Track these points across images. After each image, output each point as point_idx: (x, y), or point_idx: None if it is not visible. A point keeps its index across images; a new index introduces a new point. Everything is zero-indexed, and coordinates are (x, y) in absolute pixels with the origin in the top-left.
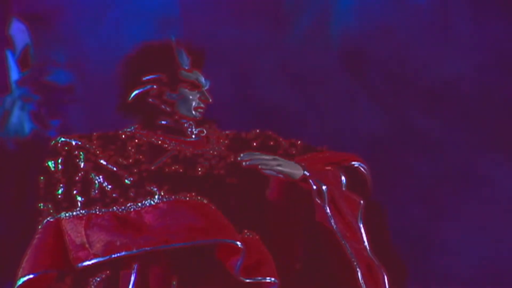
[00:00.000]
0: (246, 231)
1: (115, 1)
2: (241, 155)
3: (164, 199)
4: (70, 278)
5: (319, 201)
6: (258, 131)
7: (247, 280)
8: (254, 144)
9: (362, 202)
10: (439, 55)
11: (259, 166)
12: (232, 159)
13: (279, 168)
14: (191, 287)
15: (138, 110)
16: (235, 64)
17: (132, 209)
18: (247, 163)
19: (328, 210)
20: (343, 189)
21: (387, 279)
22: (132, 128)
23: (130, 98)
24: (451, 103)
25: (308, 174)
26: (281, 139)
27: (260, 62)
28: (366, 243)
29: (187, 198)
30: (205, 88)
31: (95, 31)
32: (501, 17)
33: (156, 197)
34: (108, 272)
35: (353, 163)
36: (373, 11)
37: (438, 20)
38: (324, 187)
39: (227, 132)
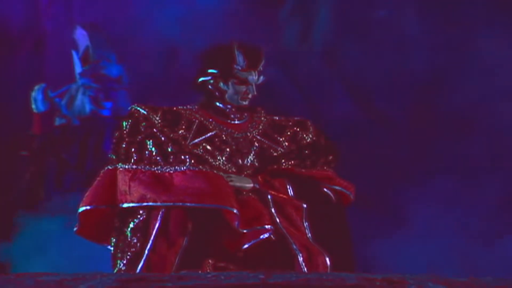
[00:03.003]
0: (244, 192)
1: (153, 11)
2: None
3: (191, 168)
4: (117, 214)
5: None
6: (297, 119)
7: (245, 231)
8: (288, 132)
9: (305, 206)
10: (398, 51)
11: None
12: (258, 144)
13: (231, 183)
14: (202, 232)
15: (201, 92)
16: None
17: (167, 171)
18: None
19: (273, 211)
20: (290, 194)
21: (330, 262)
22: (194, 107)
23: (197, 82)
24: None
25: (257, 186)
26: (311, 131)
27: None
28: (309, 235)
29: (208, 170)
30: (256, 83)
31: (138, 35)
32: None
33: (187, 165)
34: (144, 213)
35: (333, 186)
36: (345, 19)
37: (395, 26)
38: (269, 196)
39: (270, 118)
